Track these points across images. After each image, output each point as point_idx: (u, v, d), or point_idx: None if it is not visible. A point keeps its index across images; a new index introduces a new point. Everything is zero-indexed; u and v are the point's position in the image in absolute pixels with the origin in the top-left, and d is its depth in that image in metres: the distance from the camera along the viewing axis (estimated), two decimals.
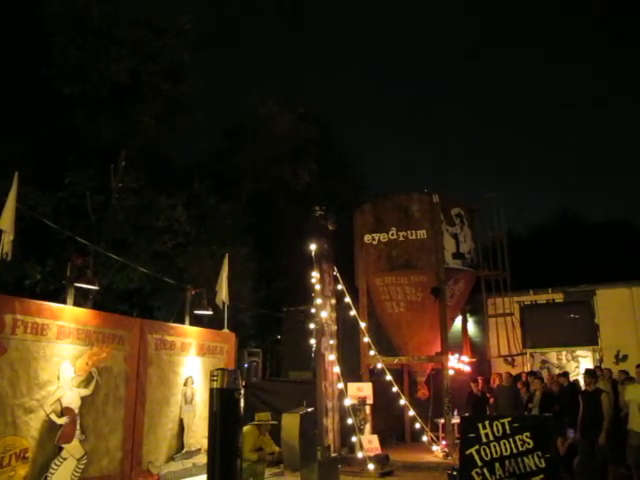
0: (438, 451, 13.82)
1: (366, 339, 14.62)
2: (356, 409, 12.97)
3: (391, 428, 15.70)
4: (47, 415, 7.77)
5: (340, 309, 14.38)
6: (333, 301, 13.89)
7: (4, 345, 7.31)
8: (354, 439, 12.73)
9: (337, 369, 13.27)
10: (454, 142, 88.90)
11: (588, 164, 75.52)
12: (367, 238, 15.65)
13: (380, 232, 15.48)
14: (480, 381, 13.64)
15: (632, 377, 10.81)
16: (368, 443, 12.80)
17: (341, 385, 13.19)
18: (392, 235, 15.31)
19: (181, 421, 10.47)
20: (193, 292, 11.93)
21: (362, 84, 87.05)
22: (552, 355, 16.85)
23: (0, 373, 7.23)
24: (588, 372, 10.09)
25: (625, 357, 15.59)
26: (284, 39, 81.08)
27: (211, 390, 8.55)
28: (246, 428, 9.01)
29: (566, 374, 12.42)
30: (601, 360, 15.97)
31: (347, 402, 12.91)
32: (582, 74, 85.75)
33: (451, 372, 14.69)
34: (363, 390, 13.47)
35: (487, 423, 8.41)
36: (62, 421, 7.97)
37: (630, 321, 15.99)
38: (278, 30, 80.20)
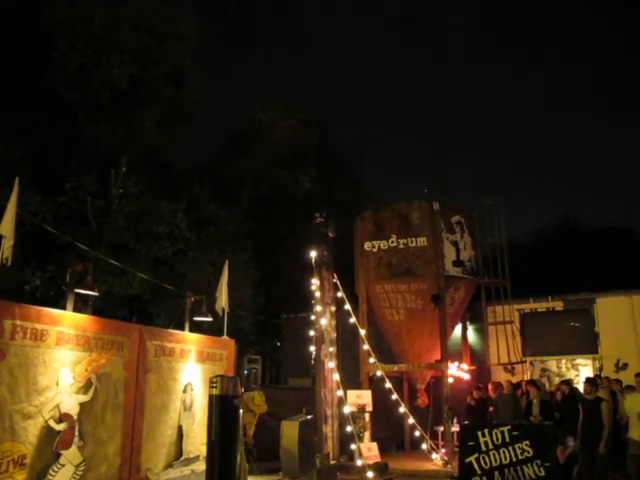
0: (437, 459, 13.78)
1: (366, 346, 14.61)
2: (355, 416, 12.93)
3: (390, 436, 15.66)
4: (45, 421, 7.73)
5: (340, 316, 14.37)
6: (333, 308, 13.88)
7: (3, 351, 7.28)
8: (353, 447, 12.69)
9: (336, 376, 13.24)
10: (455, 146, 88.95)
11: (589, 170, 75.64)
12: (367, 245, 15.66)
13: (380, 239, 15.49)
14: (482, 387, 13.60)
15: (631, 386, 10.79)
16: (367, 451, 12.75)
17: (340, 392, 13.16)
18: (392, 242, 15.32)
19: (180, 428, 10.42)
20: (193, 298, 11.91)
21: (362, 89, 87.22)
22: (552, 363, 16.83)
23: None
24: (589, 380, 10.08)
25: (625, 365, 15.57)
26: (284, 43, 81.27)
27: (210, 397, 8.54)
28: None
29: (568, 382, 12.37)
30: (601, 368, 15.96)
31: (346, 409, 12.87)
32: (582, 76, 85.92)
33: (451, 380, 14.67)
34: (362, 397, 13.45)
35: (487, 431, 8.42)
36: (60, 427, 7.93)
37: (630, 329, 15.97)
38: (278, 33, 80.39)
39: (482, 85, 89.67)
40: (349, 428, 12.67)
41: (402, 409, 14.46)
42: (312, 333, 13.85)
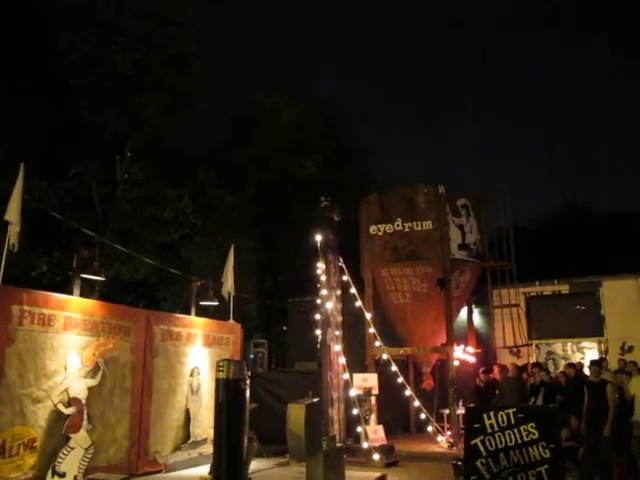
0: (443, 441, 13.85)
1: (371, 330, 14.65)
2: (361, 400, 13.01)
3: (396, 419, 15.73)
4: (55, 405, 7.83)
5: (345, 300, 14.38)
6: (339, 292, 13.89)
7: (11, 336, 7.36)
8: (359, 429, 12.78)
9: (342, 360, 13.29)
10: (460, 133, 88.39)
11: (595, 153, 75.07)
12: (372, 229, 15.64)
13: (386, 223, 15.47)
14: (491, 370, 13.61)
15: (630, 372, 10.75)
16: (373, 433, 12.84)
17: (346, 376, 13.21)
18: (398, 226, 15.30)
19: (187, 411, 10.53)
20: (199, 283, 11.95)
21: (365, 73, 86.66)
22: (558, 346, 16.83)
23: (8, 363, 7.29)
24: (594, 363, 10.09)
25: (631, 348, 15.56)
26: (286, 28, 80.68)
27: (217, 380, 8.59)
28: None
29: (573, 364, 12.35)
30: (606, 352, 15.95)
31: (352, 393, 12.94)
32: (585, 58, 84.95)
33: (456, 363, 14.71)
34: (368, 381, 13.51)
35: (492, 414, 8.42)
36: (69, 411, 8.03)
37: (636, 312, 15.92)
38: (280, 17, 79.80)
39: (486, 65, 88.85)
40: (355, 411, 12.75)
41: (408, 392, 14.52)
42: (318, 317, 13.88)
